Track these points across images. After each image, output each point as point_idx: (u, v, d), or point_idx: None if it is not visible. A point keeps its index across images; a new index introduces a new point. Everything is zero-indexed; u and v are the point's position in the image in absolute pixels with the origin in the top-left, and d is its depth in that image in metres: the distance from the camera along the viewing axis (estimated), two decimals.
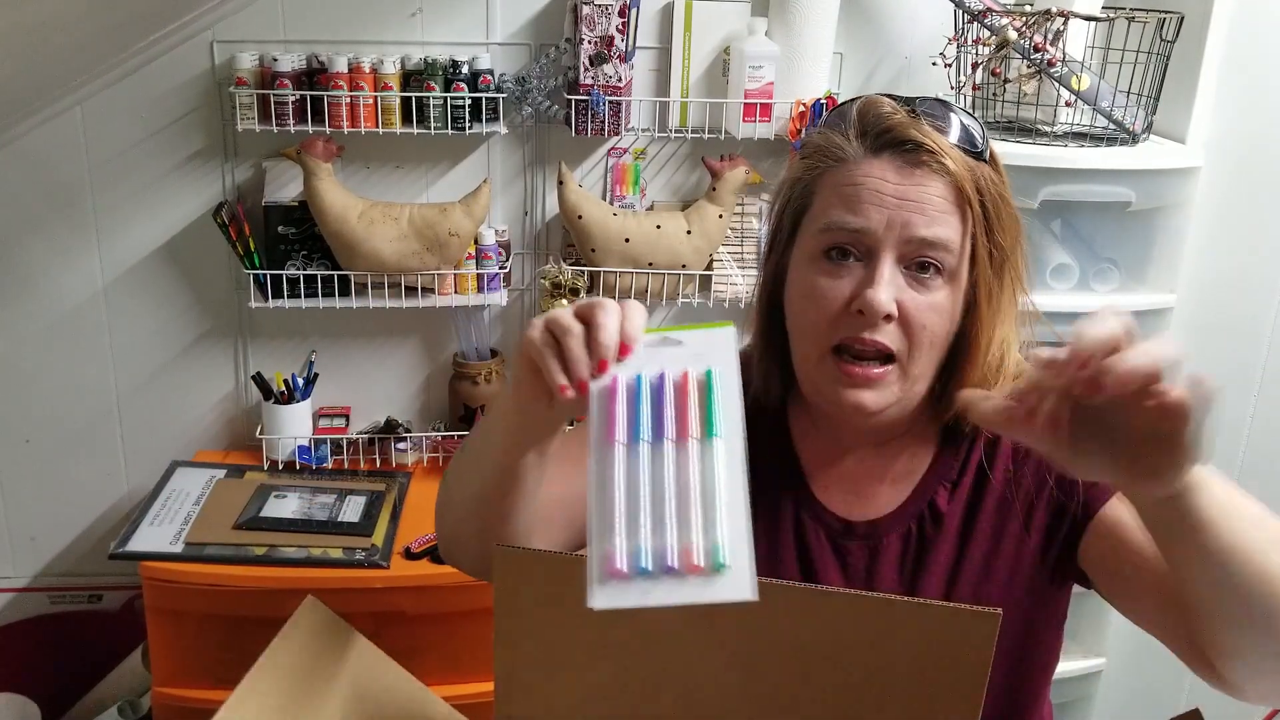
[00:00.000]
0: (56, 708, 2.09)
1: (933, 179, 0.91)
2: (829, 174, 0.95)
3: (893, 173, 0.91)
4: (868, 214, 0.91)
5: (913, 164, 0.91)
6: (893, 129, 0.92)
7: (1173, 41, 1.81)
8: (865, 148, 0.93)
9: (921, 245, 0.91)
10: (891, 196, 0.91)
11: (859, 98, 0.98)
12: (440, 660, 1.83)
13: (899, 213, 0.90)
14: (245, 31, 1.94)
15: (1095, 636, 2.14)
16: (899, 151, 0.92)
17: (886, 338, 0.92)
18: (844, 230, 0.92)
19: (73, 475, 2.16)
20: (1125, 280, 1.93)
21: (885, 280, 0.91)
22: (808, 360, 0.97)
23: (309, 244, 1.99)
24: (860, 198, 0.91)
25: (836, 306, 0.93)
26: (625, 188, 2.10)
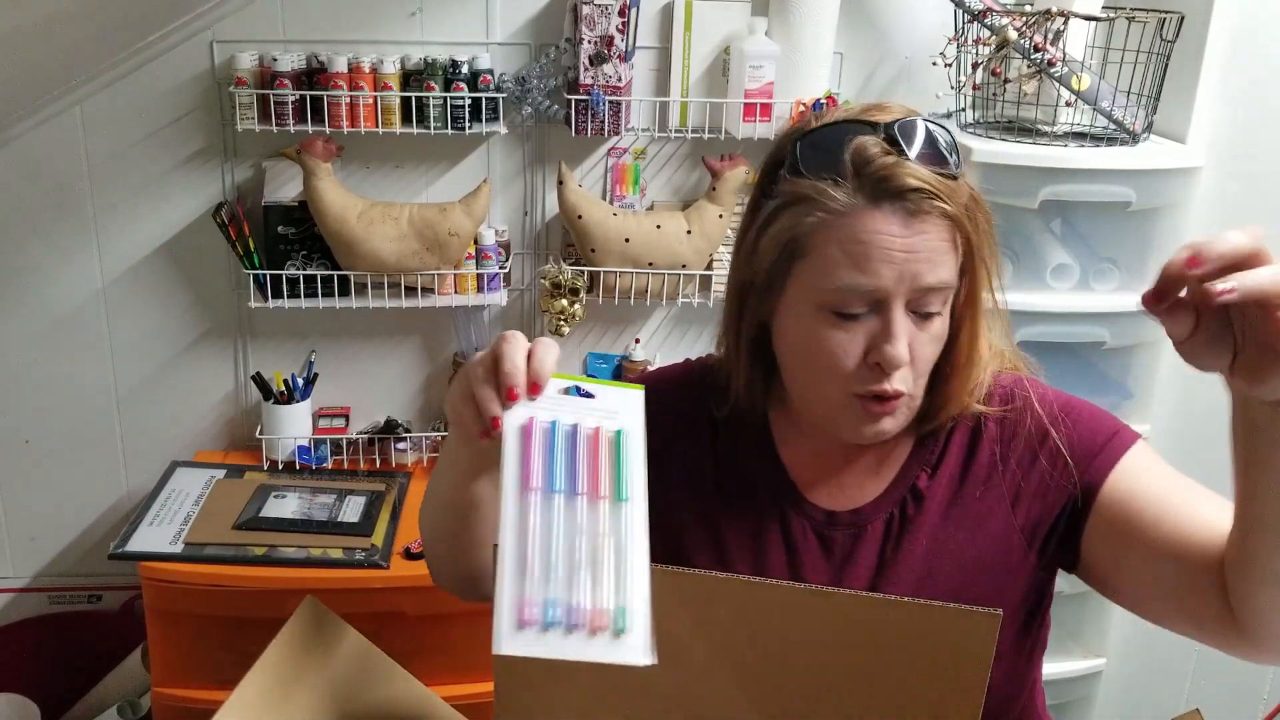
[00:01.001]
0: (56, 708, 2.09)
1: (932, 223, 0.90)
2: (826, 225, 0.92)
3: (897, 225, 0.90)
4: (879, 273, 0.90)
5: (913, 212, 0.90)
6: (891, 178, 0.89)
7: (1173, 41, 1.81)
8: (864, 198, 0.90)
9: (928, 292, 0.92)
10: (899, 251, 0.89)
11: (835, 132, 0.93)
12: (440, 660, 1.84)
13: (908, 266, 0.90)
14: (245, 31, 1.93)
15: (1095, 636, 2.14)
16: (899, 201, 0.89)
17: (901, 382, 0.94)
18: (857, 292, 0.91)
19: (72, 475, 2.16)
20: (1125, 280, 1.93)
21: (902, 333, 0.92)
22: (826, 402, 0.98)
23: (309, 244, 1.99)
24: (870, 256, 0.90)
25: (853, 361, 0.94)
26: (625, 188, 2.10)
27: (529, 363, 0.86)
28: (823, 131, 0.94)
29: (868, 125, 0.92)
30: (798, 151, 0.94)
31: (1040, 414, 1.02)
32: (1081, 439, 1.00)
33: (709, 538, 1.06)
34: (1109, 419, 1.03)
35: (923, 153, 0.91)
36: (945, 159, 0.92)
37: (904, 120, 0.92)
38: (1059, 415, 1.02)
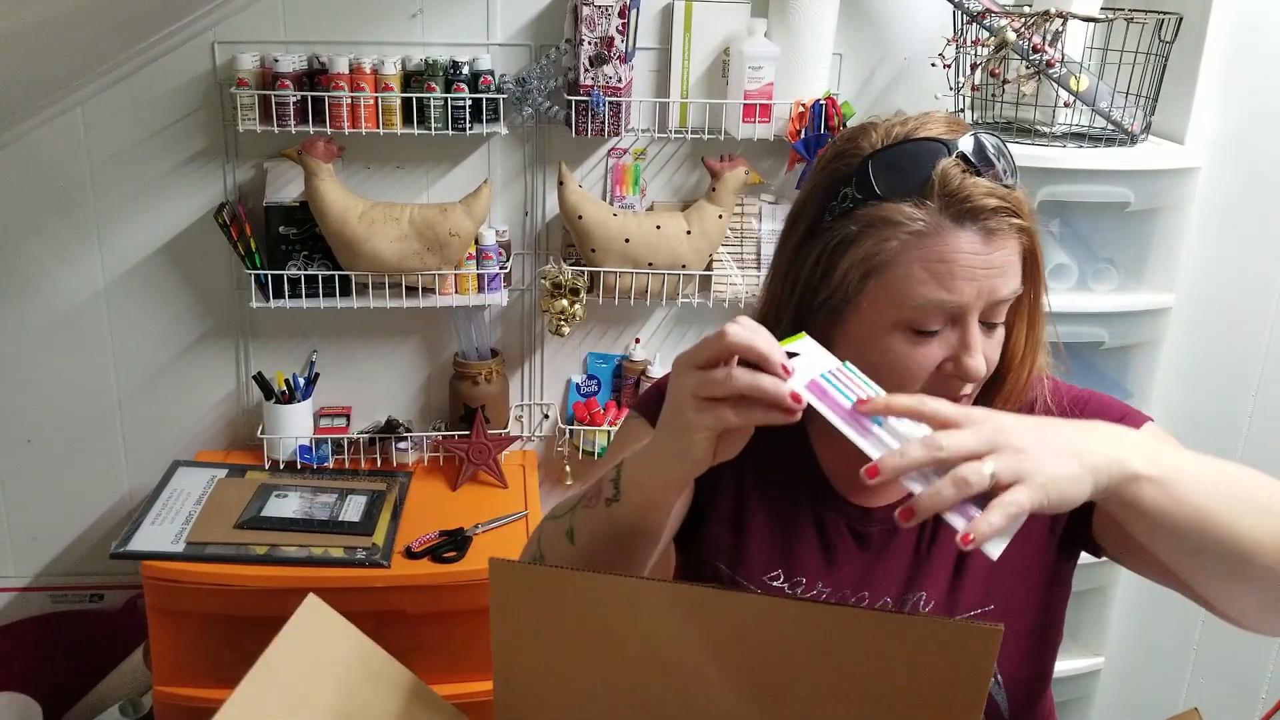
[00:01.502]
0: (58, 707, 2.09)
1: (1010, 238, 0.93)
2: (910, 245, 0.92)
3: (980, 244, 0.91)
4: (962, 290, 0.92)
5: (994, 230, 0.92)
6: (973, 199, 0.91)
7: (1171, 42, 1.81)
8: (948, 219, 0.91)
9: (1001, 304, 0.95)
10: (981, 269, 0.92)
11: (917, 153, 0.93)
12: (440, 660, 1.84)
13: (987, 282, 0.92)
14: (246, 32, 1.94)
15: (1095, 636, 2.14)
16: (981, 221, 0.91)
17: (969, 390, 0.97)
18: (940, 309, 0.93)
19: (74, 475, 2.17)
20: (1123, 280, 1.93)
21: (980, 346, 0.94)
22: None
23: (310, 244, 1.99)
24: (954, 275, 0.91)
25: (929, 372, 0.95)
26: (625, 188, 2.10)
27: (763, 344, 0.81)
28: (896, 151, 0.94)
29: (940, 144, 0.93)
30: (871, 173, 0.94)
31: (1053, 410, 1.05)
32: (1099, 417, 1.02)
33: (743, 535, 1.07)
34: (1117, 405, 1.06)
35: (994, 170, 0.93)
36: (1012, 172, 0.95)
37: (975, 137, 0.94)
38: (1068, 409, 1.05)
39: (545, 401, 2.25)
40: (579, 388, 2.23)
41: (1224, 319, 1.92)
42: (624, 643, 0.84)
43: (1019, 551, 1.02)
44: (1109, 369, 2.02)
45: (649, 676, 0.84)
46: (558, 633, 0.84)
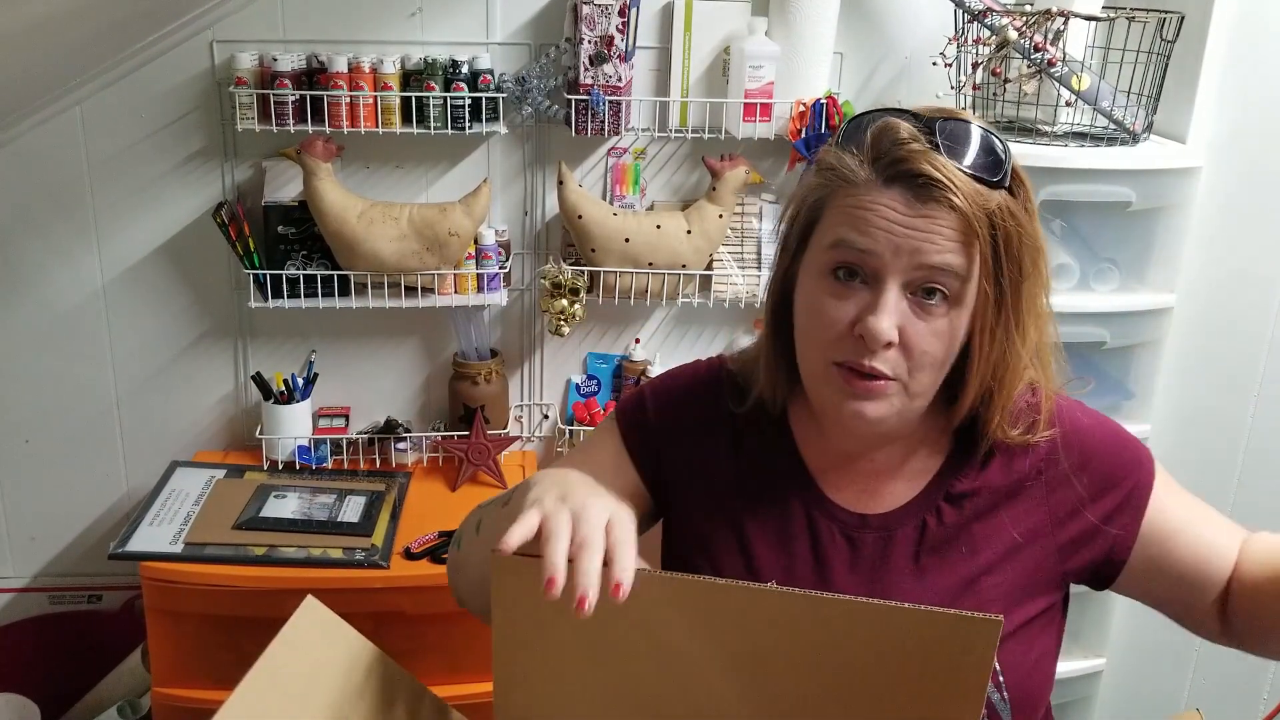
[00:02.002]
0: (56, 708, 2.09)
1: (942, 212, 0.91)
2: (840, 193, 0.94)
3: (902, 204, 0.91)
4: (875, 238, 0.91)
5: (922, 198, 0.90)
6: (904, 160, 0.91)
7: (1173, 41, 1.81)
8: (877, 175, 0.92)
9: (930, 271, 0.91)
10: (900, 226, 0.91)
11: (878, 115, 0.96)
12: (440, 660, 1.84)
13: (907, 241, 0.91)
14: (245, 31, 1.93)
15: (1095, 636, 2.14)
16: (910, 184, 0.91)
17: (885, 364, 0.93)
18: (852, 249, 0.92)
19: (72, 475, 2.16)
20: (1125, 280, 1.93)
21: (889, 308, 0.92)
22: (813, 370, 0.99)
23: (309, 244, 1.99)
24: (869, 222, 0.91)
25: (840, 327, 0.94)
26: (625, 187, 2.10)
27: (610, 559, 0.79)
28: (872, 114, 0.96)
29: (914, 115, 0.94)
30: (843, 128, 0.97)
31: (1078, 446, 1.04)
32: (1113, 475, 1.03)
33: (736, 542, 1.06)
34: (1135, 448, 1.06)
35: (957, 150, 0.92)
36: (986, 166, 0.93)
37: (952, 119, 0.93)
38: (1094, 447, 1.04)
39: (545, 402, 2.24)
40: (579, 388, 2.22)
41: (1226, 319, 1.92)
42: (623, 634, 0.84)
43: (1023, 572, 1.02)
44: (1111, 369, 2.02)
45: (647, 667, 0.85)
46: (558, 623, 0.84)
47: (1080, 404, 1.08)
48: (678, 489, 1.10)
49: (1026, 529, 1.02)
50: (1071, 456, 1.03)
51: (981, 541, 1.02)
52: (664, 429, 1.12)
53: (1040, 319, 0.99)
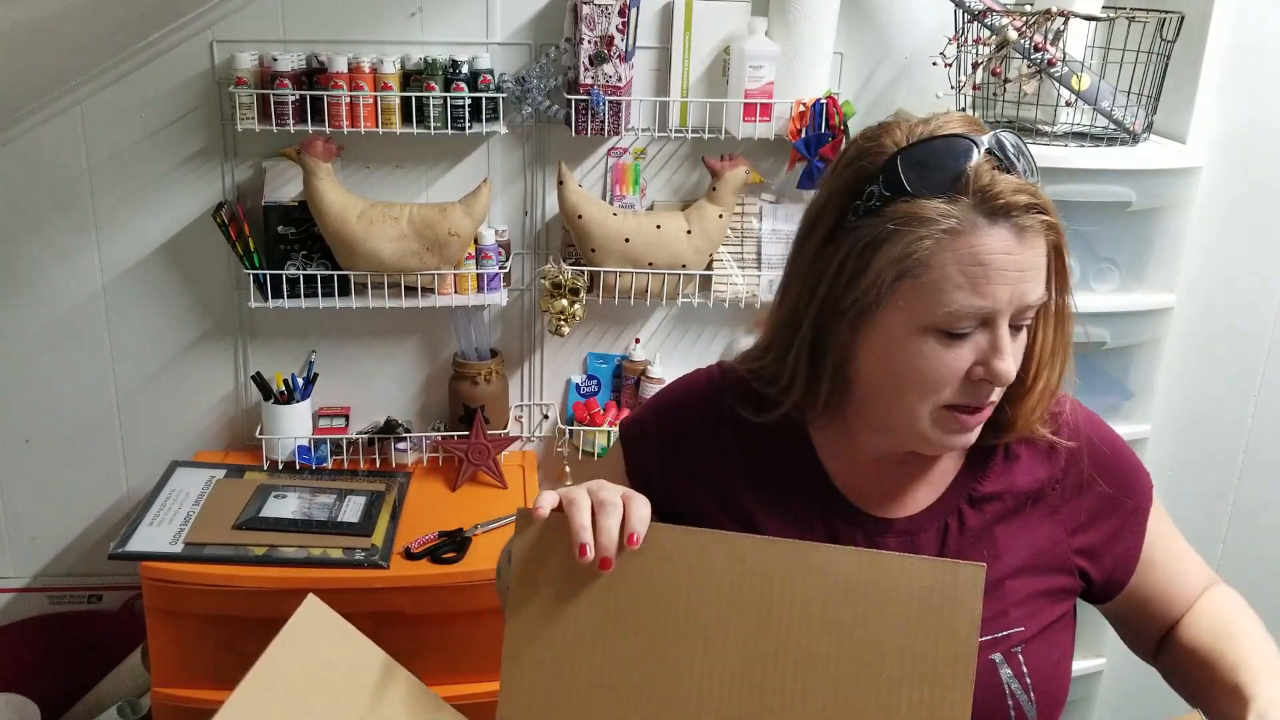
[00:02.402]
0: (56, 708, 2.09)
1: (1040, 237, 0.92)
2: (944, 248, 0.90)
3: (1013, 242, 0.90)
4: (995, 295, 0.91)
5: (1025, 228, 0.91)
6: (1004, 194, 0.90)
7: (1173, 41, 1.81)
8: (979, 216, 0.90)
9: (1030, 309, 0.94)
10: (1013, 270, 0.91)
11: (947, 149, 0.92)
12: (440, 660, 1.84)
13: (1019, 285, 0.91)
14: (245, 31, 1.93)
15: (1095, 636, 2.14)
16: (1013, 218, 0.90)
17: (997, 395, 0.97)
18: (974, 313, 0.91)
19: (72, 475, 2.16)
20: (1125, 280, 1.93)
21: (1010, 350, 0.93)
22: (915, 416, 0.97)
23: (309, 244, 1.99)
24: (989, 278, 0.90)
25: (959, 375, 0.94)
26: (625, 188, 2.10)
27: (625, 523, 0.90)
28: (925, 148, 0.92)
29: (968, 140, 0.92)
30: (901, 169, 0.92)
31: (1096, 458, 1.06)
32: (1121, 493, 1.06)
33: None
34: (1140, 469, 1.09)
35: (1022, 167, 0.92)
36: (1033, 172, 0.94)
37: (998, 136, 0.93)
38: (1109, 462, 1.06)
39: (545, 402, 2.24)
40: (579, 388, 2.22)
41: (1226, 319, 1.92)
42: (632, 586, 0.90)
43: (1044, 576, 1.03)
44: (1111, 369, 2.02)
45: (654, 615, 0.89)
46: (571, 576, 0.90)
47: (1092, 415, 1.09)
48: (687, 500, 1.10)
49: (1046, 534, 1.03)
50: (1087, 468, 1.05)
51: (1004, 545, 1.02)
52: (667, 442, 1.12)
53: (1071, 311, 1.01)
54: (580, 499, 0.90)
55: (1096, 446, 1.05)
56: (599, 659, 0.90)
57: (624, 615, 0.90)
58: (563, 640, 0.90)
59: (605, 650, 0.90)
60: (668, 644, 0.89)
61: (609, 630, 0.90)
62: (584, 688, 0.89)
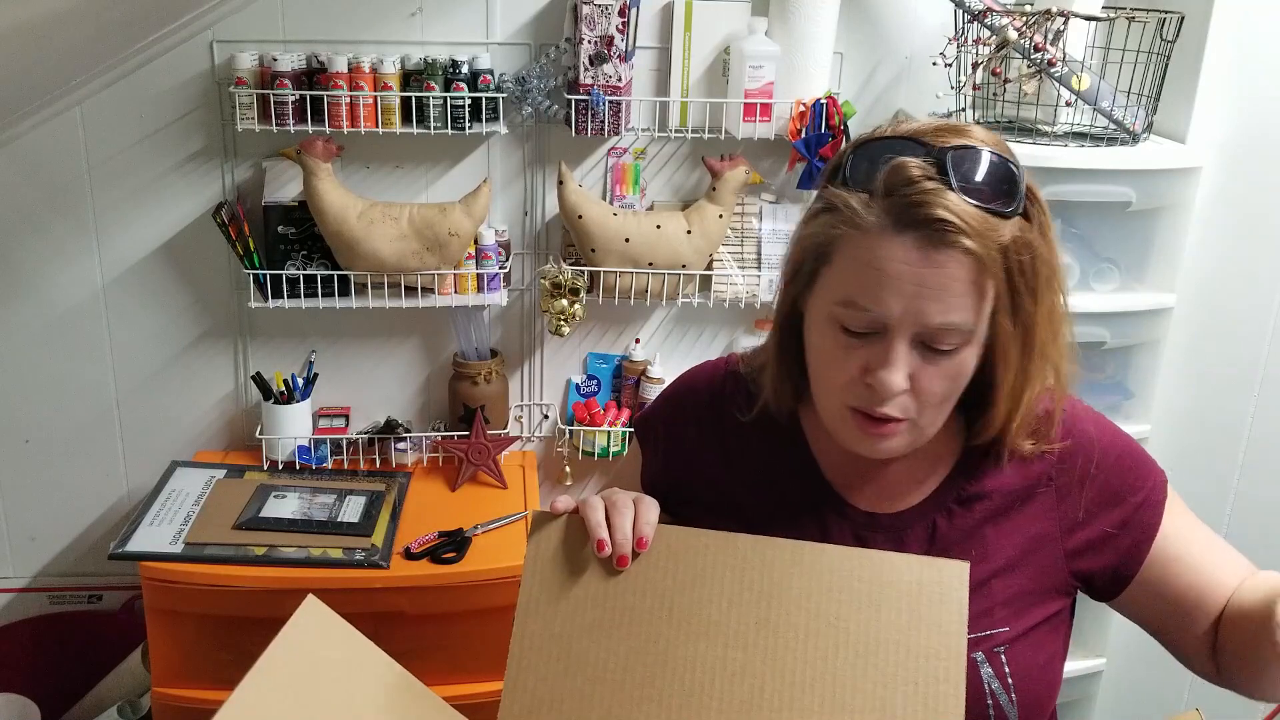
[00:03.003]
0: (56, 708, 2.09)
1: (955, 257, 0.88)
2: (850, 239, 0.91)
3: (915, 254, 0.87)
4: (885, 302, 0.89)
5: (935, 243, 0.87)
6: (917, 205, 0.87)
7: (1173, 41, 1.81)
8: (889, 220, 0.88)
9: (936, 331, 0.90)
10: (910, 283, 0.88)
11: (886, 147, 0.91)
12: (440, 660, 1.84)
13: (915, 301, 0.88)
14: (245, 31, 1.93)
15: (1095, 636, 2.14)
16: (922, 229, 0.87)
17: (896, 409, 0.93)
18: (861, 312, 0.91)
19: (72, 475, 2.16)
20: (1125, 280, 1.93)
21: (897, 364, 0.91)
22: (826, 409, 0.99)
23: (309, 244, 1.99)
24: (880, 283, 0.89)
25: (851, 375, 0.93)
26: (625, 188, 2.10)
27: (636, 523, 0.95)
28: (878, 144, 0.92)
29: (921, 146, 0.90)
30: (849, 159, 0.93)
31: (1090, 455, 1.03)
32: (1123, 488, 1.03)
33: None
34: (1147, 464, 1.05)
35: (970, 185, 0.88)
36: (999, 196, 0.89)
37: (963, 147, 0.90)
38: (1105, 458, 1.03)
39: (545, 402, 2.24)
40: (579, 388, 2.22)
41: (1226, 319, 1.92)
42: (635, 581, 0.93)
43: (1033, 576, 1.02)
44: (1110, 369, 2.02)
45: (657, 612, 0.92)
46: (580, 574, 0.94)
47: (1097, 415, 1.07)
48: (686, 493, 1.11)
49: (1036, 534, 1.02)
50: (1082, 465, 1.03)
51: (992, 544, 1.02)
52: (671, 437, 1.14)
53: (1058, 331, 0.97)
54: (595, 501, 0.96)
55: (1096, 442, 1.04)
56: (603, 654, 0.91)
57: (628, 612, 0.92)
58: (568, 635, 0.92)
59: (609, 645, 0.91)
60: (670, 640, 0.90)
61: (613, 626, 0.92)
62: (588, 682, 0.90)
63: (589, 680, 0.90)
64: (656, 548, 0.94)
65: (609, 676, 0.90)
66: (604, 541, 0.93)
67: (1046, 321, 0.95)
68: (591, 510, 0.95)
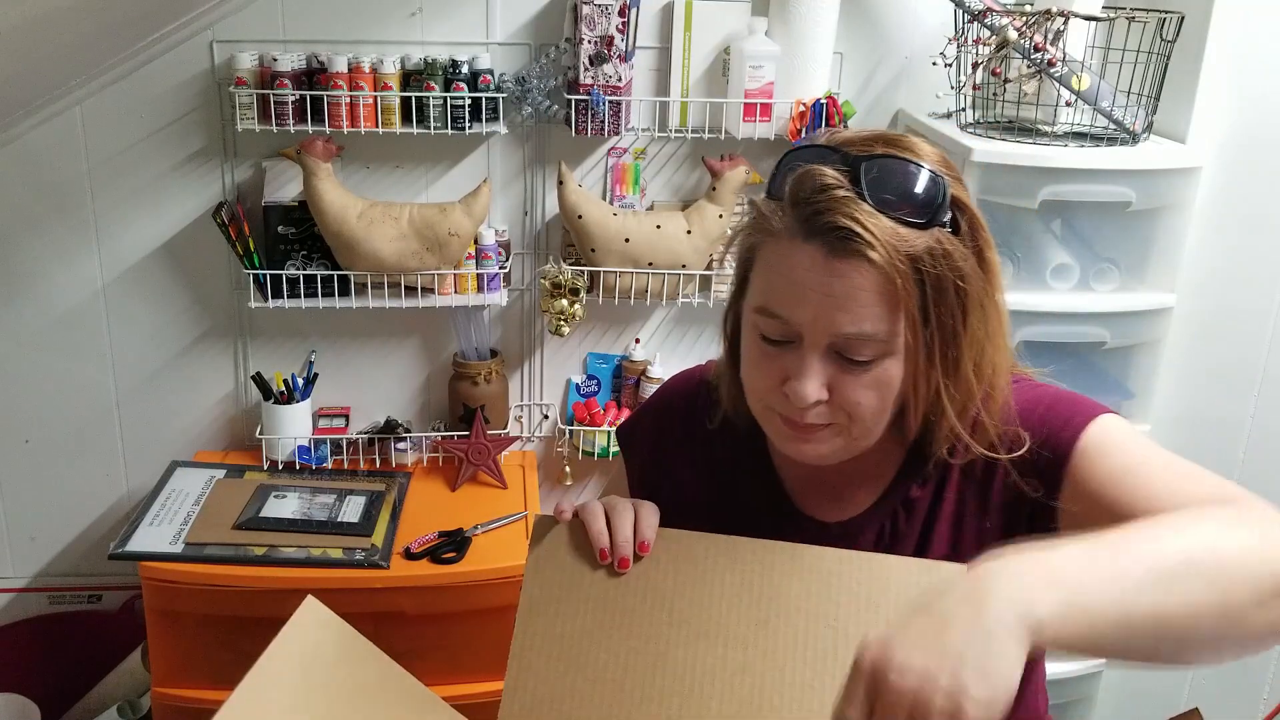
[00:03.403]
0: (56, 708, 2.09)
1: (856, 268, 0.86)
2: (766, 245, 0.92)
3: (820, 261, 0.87)
4: (792, 311, 0.89)
5: (840, 252, 0.86)
6: (822, 212, 0.86)
7: (1173, 41, 1.81)
8: (797, 227, 0.88)
9: (848, 340, 0.89)
10: (816, 291, 0.87)
11: (805, 156, 0.91)
12: (440, 660, 1.84)
13: (823, 310, 0.88)
14: (245, 31, 1.93)
15: None
16: (828, 238, 0.86)
17: (818, 417, 0.92)
18: (774, 319, 0.91)
19: (72, 475, 2.16)
20: (1125, 280, 1.93)
21: (811, 373, 0.90)
22: (756, 413, 0.99)
23: (309, 244, 1.99)
24: (788, 291, 0.89)
25: (771, 382, 0.93)
26: (625, 188, 2.10)
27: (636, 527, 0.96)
28: (802, 152, 0.93)
29: (840, 155, 0.89)
30: (776, 167, 0.94)
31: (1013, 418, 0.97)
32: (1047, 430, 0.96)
33: None
34: (1065, 405, 0.97)
35: (882, 195, 0.87)
36: (912, 206, 0.87)
37: (876, 156, 0.89)
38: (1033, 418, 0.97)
39: (545, 402, 2.24)
40: (579, 388, 2.22)
41: (1226, 319, 1.92)
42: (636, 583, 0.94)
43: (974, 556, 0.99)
44: (1111, 369, 2.02)
45: (657, 614, 0.92)
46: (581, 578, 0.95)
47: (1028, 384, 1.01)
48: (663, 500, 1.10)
49: (978, 527, 1.00)
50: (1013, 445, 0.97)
51: (937, 549, 1.00)
52: (648, 446, 1.15)
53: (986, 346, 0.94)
54: (595, 507, 0.97)
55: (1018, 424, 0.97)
56: (603, 654, 0.91)
57: (628, 613, 0.92)
58: (569, 636, 0.92)
59: (609, 646, 0.92)
60: (670, 641, 0.91)
61: (613, 627, 0.92)
62: (588, 682, 0.91)
63: (589, 680, 0.91)
64: (657, 550, 0.95)
65: (609, 677, 0.90)
66: (605, 550, 0.94)
67: (971, 334, 0.92)
68: (592, 517, 0.96)
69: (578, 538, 0.96)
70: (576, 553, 0.96)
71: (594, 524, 0.96)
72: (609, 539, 0.95)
